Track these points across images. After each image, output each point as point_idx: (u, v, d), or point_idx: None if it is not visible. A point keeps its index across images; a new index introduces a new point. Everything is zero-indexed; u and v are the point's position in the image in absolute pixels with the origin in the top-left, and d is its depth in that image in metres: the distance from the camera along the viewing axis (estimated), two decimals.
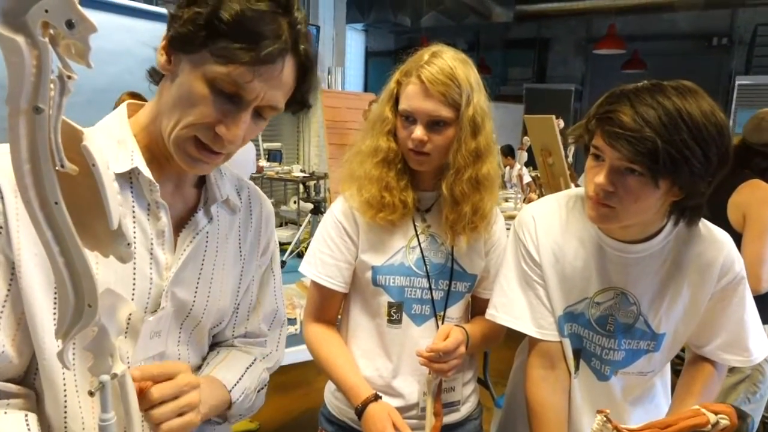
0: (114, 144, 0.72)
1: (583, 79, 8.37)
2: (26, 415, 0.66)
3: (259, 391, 0.93)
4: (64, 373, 0.68)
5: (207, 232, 0.81)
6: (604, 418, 0.84)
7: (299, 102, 0.78)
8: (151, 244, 0.74)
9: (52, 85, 0.43)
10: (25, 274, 0.65)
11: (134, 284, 0.72)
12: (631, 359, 1.07)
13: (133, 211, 0.73)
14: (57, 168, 0.44)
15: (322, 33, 6.04)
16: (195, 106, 0.67)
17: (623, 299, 1.04)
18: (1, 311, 0.65)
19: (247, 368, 0.90)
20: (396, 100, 1.11)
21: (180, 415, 0.68)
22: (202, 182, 0.83)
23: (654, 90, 0.88)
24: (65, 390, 0.69)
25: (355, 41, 8.80)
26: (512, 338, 1.20)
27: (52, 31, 0.42)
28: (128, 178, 0.73)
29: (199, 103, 0.67)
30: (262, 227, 0.92)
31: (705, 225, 1.04)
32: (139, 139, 0.74)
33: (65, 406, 0.69)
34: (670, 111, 0.85)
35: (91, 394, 0.52)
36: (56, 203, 0.45)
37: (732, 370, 1.91)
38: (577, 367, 1.10)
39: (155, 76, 0.75)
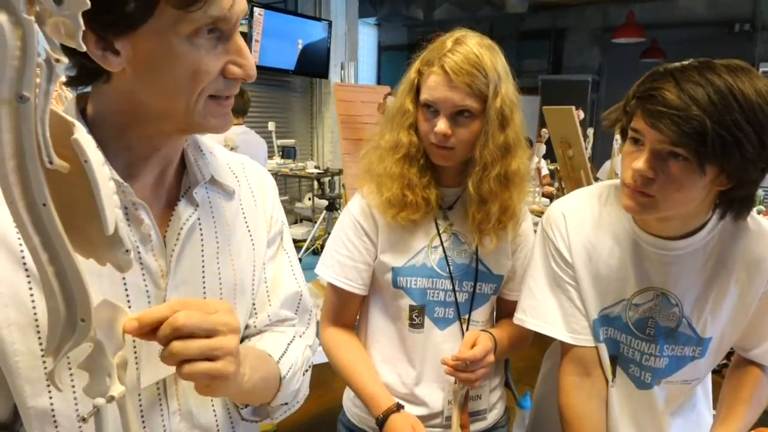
0: None
1: (600, 69, 8.18)
2: None
3: (305, 373, 0.82)
4: (51, 396, 0.58)
5: (198, 218, 0.70)
6: None
7: None
8: (139, 252, 0.64)
9: (38, 70, 0.37)
10: None
11: (128, 301, 0.63)
12: (675, 367, 1.00)
13: None
14: (45, 165, 0.38)
15: (334, 28, 5.98)
16: (195, 72, 0.58)
17: (664, 300, 0.97)
18: None
19: (289, 344, 0.79)
20: (417, 92, 1.04)
21: (209, 359, 0.53)
22: (184, 167, 0.72)
23: (702, 67, 0.81)
24: (54, 414, 0.58)
25: (367, 36, 8.71)
26: (535, 335, 1.12)
27: (38, 8, 0.36)
28: None
29: (194, 65, 0.57)
30: (267, 199, 0.82)
31: (753, 218, 0.96)
32: (100, 136, 0.62)
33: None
34: (721, 89, 0.77)
35: (83, 420, 0.46)
36: (44, 205, 0.39)
37: None
38: (614, 375, 1.03)
39: (84, 78, 0.60)
